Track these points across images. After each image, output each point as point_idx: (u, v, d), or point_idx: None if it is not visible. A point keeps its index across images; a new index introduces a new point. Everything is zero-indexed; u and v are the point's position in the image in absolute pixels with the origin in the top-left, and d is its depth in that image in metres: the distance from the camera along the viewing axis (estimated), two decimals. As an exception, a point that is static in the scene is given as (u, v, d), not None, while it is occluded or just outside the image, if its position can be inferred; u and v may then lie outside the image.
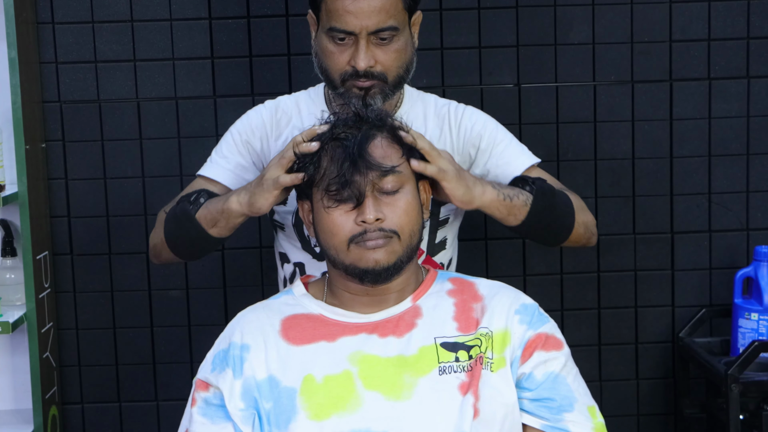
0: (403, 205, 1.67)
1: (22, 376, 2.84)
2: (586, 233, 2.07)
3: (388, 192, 1.67)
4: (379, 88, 1.94)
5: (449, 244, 2.13)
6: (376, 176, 1.65)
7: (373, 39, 1.91)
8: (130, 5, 2.79)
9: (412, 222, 1.68)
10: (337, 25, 1.91)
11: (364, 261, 1.65)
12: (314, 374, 1.63)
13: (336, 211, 1.66)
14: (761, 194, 2.89)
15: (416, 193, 1.72)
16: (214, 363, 1.69)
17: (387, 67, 1.93)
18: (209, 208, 1.95)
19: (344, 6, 1.89)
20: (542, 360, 1.66)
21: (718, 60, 2.85)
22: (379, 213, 1.65)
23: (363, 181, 1.64)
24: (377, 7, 1.89)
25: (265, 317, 1.73)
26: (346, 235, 1.65)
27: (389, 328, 1.68)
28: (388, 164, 1.67)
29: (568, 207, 2.01)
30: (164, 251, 2.06)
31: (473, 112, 2.11)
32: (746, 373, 2.52)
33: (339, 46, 1.93)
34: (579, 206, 2.05)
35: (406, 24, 1.96)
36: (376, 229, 1.64)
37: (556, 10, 2.82)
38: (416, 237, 1.70)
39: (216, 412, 1.66)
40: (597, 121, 2.86)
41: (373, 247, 1.65)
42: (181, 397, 1.88)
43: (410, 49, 1.98)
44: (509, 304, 1.71)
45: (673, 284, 2.91)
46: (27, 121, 2.65)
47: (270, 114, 2.11)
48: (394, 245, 1.66)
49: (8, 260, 2.77)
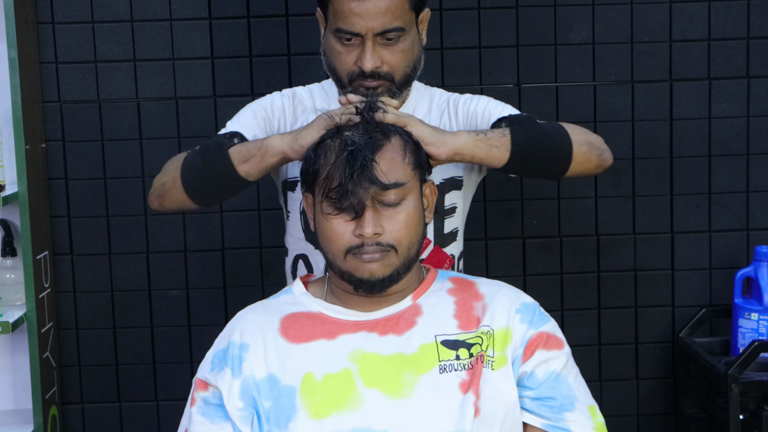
0: (403, 218, 1.66)
1: (22, 376, 2.84)
2: (594, 151, 1.97)
3: (390, 204, 1.66)
4: (386, 87, 1.95)
5: (460, 236, 2.13)
6: (378, 189, 1.64)
7: (379, 40, 1.92)
8: (130, 5, 2.79)
9: (411, 235, 1.68)
10: (344, 26, 1.91)
11: (359, 271, 1.65)
12: (314, 372, 1.63)
13: (335, 220, 1.66)
14: (761, 194, 2.89)
15: (419, 201, 1.71)
16: (213, 362, 1.69)
17: (394, 67, 1.94)
18: (246, 146, 1.91)
19: (350, 8, 1.90)
20: (543, 359, 1.66)
21: (718, 60, 2.85)
22: (378, 227, 1.64)
23: (364, 193, 1.63)
24: (383, 9, 1.89)
25: (264, 316, 1.73)
26: (343, 245, 1.65)
27: (389, 326, 1.68)
28: (392, 179, 1.65)
29: (558, 129, 1.95)
30: (173, 190, 1.98)
31: (471, 97, 2.10)
32: (746, 373, 2.52)
33: (346, 47, 1.94)
34: (573, 128, 1.97)
35: (413, 23, 1.96)
36: (374, 243, 1.64)
37: (556, 10, 2.82)
38: (415, 248, 1.70)
39: (215, 412, 1.66)
40: (597, 121, 2.86)
41: (369, 260, 1.64)
42: (181, 397, 1.88)
43: (417, 48, 1.99)
44: (510, 302, 1.71)
45: (673, 284, 2.91)
46: (27, 121, 2.65)
47: (289, 101, 2.10)
48: (391, 258, 1.66)
49: (8, 260, 2.77)
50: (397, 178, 1.66)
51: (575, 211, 2.89)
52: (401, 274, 1.68)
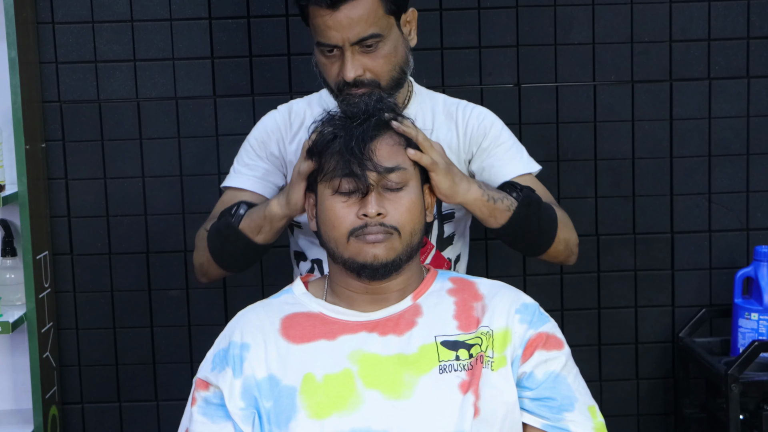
0: (406, 202, 1.68)
1: (22, 376, 2.84)
2: (566, 251, 2.07)
3: (392, 188, 1.68)
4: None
5: (456, 240, 2.14)
6: (382, 171, 1.66)
7: (358, 48, 1.94)
8: (130, 5, 2.79)
9: (413, 220, 1.69)
10: (322, 39, 1.95)
11: (362, 255, 1.66)
12: (314, 373, 1.63)
13: (339, 204, 1.67)
14: (761, 194, 2.89)
15: (420, 192, 1.73)
16: (214, 362, 1.69)
17: (377, 73, 1.96)
18: (251, 217, 1.97)
19: (324, 21, 1.93)
20: (543, 359, 1.66)
21: (718, 60, 2.85)
22: (381, 208, 1.66)
23: (368, 175, 1.65)
24: (356, 18, 1.92)
25: (264, 316, 1.73)
26: (347, 227, 1.66)
27: (389, 327, 1.68)
28: (393, 162, 1.68)
29: (552, 221, 2.01)
30: (212, 268, 2.08)
31: (481, 111, 2.13)
32: (746, 373, 2.52)
33: (329, 59, 1.98)
34: (564, 223, 2.05)
35: (392, 27, 1.98)
36: (377, 224, 1.65)
37: (556, 10, 2.82)
38: (417, 237, 1.71)
39: (216, 412, 1.66)
40: (597, 121, 2.86)
41: (372, 241, 1.65)
42: (181, 397, 1.88)
43: (401, 50, 2.00)
44: (510, 303, 1.71)
45: (673, 284, 2.91)
46: (27, 121, 2.65)
47: (283, 117, 2.15)
48: (394, 242, 1.66)
49: (8, 260, 2.77)
50: (399, 162, 1.69)
51: (575, 211, 2.88)
52: (403, 261, 1.69)
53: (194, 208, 2.85)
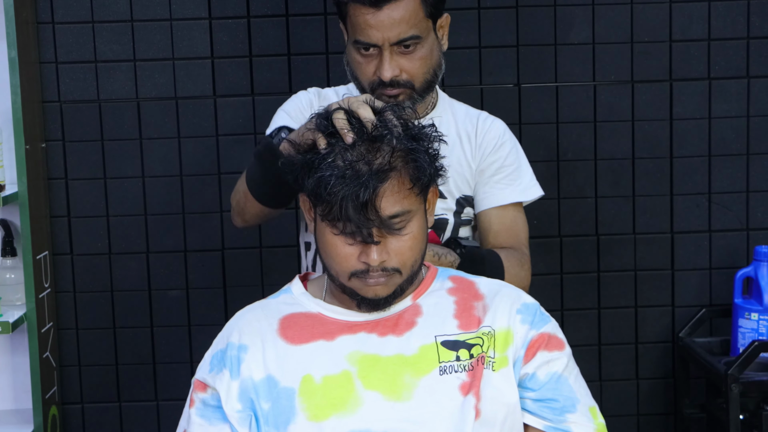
0: (408, 242, 1.63)
1: (22, 376, 2.84)
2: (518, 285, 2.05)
3: (395, 231, 1.61)
4: (408, 95, 1.99)
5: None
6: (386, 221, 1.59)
7: (396, 49, 1.95)
8: (130, 5, 2.79)
9: (415, 255, 1.65)
10: (361, 38, 1.95)
11: (363, 291, 1.64)
12: (313, 374, 1.63)
13: (339, 242, 1.62)
14: (761, 194, 2.89)
15: (423, 219, 1.67)
16: (212, 363, 1.68)
17: (413, 74, 1.98)
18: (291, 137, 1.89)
19: (366, 20, 1.93)
20: (545, 360, 1.65)
21: (718, 60, 2.85)
22: (383, 255, 1.61)
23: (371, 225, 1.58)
24: (398, 19, 1.93)
25: (263, 317, 1.72)
26: (348, 269, 1.62)
27: (389, 327, 1.68)
28: (398, 208, 1.60)
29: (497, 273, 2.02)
30: (249, 203, 2.01)
31: (498, 128, 2.14)
32: (746, 373, 2.52)
33: (365, 57, 1.98)
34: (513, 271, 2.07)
35: (430, 30, 2.00)
36: (379, 269, 1.62)
37: (556, 10, 2.82)
38: (419, 263, 1.67)
39: (213, 414, 1.65)
40: (597, 121, 2.86)
41: (374, 284, 1.63)
42: (181, 397, 1.88)
43: (436, 54, 2.02)
44: (511, 303, 1.70)
45: (673, 284, 2.91)
46: (27, 121, 2.65)
47: (315, 96, 2.14)
48: (396, 279, 1.64)
49: (8, 260, 2.77)
50: (404, 207, 1.61)
51: (575, 211, 2.89)
52: (405, 289, 1.68)
53: (194, 208, 2.85)
